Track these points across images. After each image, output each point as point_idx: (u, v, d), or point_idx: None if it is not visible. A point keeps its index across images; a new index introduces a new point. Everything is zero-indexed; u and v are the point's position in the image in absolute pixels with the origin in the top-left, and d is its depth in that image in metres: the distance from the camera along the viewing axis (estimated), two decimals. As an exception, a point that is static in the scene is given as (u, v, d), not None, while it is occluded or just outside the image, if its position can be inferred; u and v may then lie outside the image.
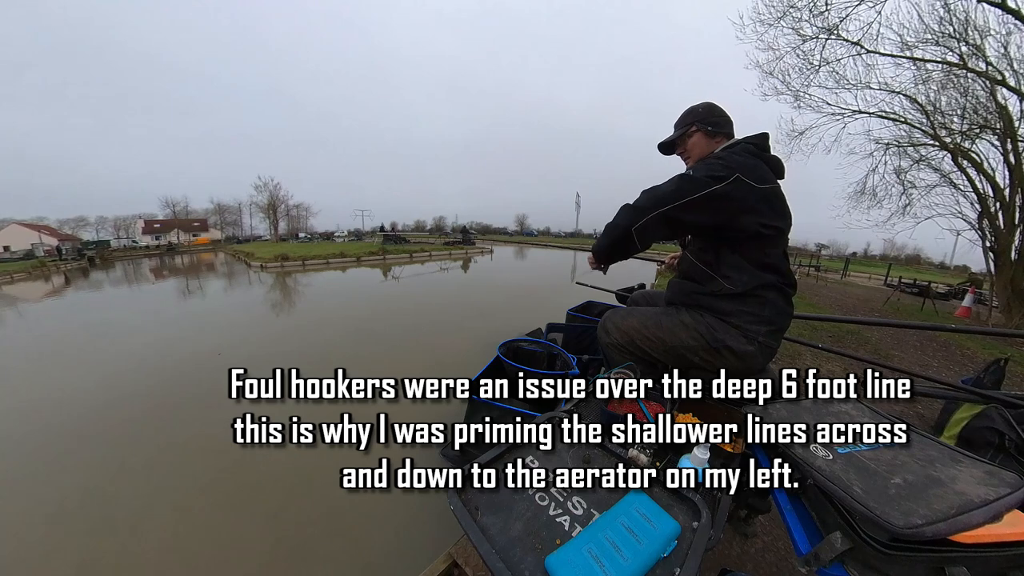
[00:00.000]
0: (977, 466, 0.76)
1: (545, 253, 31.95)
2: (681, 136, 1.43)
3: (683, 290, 1.40)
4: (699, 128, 1.39)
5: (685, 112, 1.46)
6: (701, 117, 1.40)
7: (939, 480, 0.71)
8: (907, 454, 0.81)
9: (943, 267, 43.27)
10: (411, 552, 2.19)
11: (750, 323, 1.23)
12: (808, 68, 7.75)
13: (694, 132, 1.40)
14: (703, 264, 1.31)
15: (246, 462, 3.02)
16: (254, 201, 48.01)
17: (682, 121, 1.45)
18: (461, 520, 0.70)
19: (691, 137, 1.41)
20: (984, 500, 0.64)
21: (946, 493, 0.67)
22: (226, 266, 20.27)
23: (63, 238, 42.48)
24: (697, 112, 1.41)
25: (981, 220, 8.05)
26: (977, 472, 0.73)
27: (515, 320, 6.78)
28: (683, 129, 1.43)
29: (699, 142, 1.40)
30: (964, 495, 0.66)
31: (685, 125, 1.43)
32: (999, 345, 5.53)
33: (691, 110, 1.44)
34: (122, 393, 4.28)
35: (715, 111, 1.41)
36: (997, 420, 1.88)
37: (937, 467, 0.75)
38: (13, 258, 29.07)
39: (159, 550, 2.24)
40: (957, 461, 0.78)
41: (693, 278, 1.36)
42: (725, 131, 1.39)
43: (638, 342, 1.43)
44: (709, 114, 1.40)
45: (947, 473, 0.73)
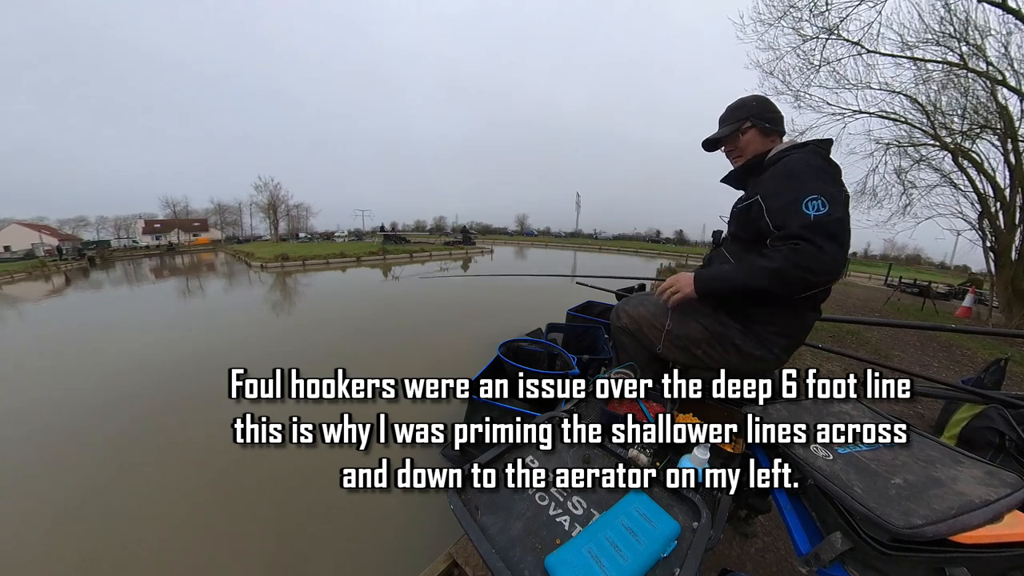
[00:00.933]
0: (978, 466, 0.75)
1: (546, 253, 31.97)
2: (733, 133, 1.32)
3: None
4: (754, 124, 1.29)
5: (735, 106, 1.35)
6: (756, 112, 1.29)
7: (939, 480, 0.71)
8: (908, 454, 0.80)
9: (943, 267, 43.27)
10: (411, 552, 2.19)
11: (772, 334, 1.20)
12: (808, 68, 7.75)
13: (748, 129, 1.30)
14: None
15: (246, 462, 3.02)
16: (254, 201, 48.05)
17: (733, 116, 1.34)
18: (461, 520, 0.70)
19: (745, 134, 1.31)
20: (985, 500, 0.64)
21: (946, 494, 0.67)
22: (226, 266, 20.27)
23: (63, 238, 42.50)
24: (751, 107, 1.30)
25: (981, 220, 8.05)
26: (977, 472, 0.73)
27: (515, 320, 6.78)
28: (735, 125, 1.31)
29: (753, 140, 1.30)
30: (964, 495, 0.66)
31: (737, 121, 1.31)
32: (999, 345, 5.53)
33: (743, 104, 1.33)
34: (121, 393, 4.28)
35: (770, 106, 1.31)
36: (997, 420, 1.88)
37: (938, 467, 0.75)
38: (14, 258, 29.07)
39: (159, 550, 2.24)
40: (958, 461, 0.77)
41: None
42: (779, 129, 1.30)
43: (645, 330, 1.43)
44: (764, 109, 1.30)
45: (947, 473, 0.73)
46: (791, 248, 1.01)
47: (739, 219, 1.26)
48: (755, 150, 1.30)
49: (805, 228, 1.00)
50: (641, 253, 38.08)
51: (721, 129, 1.37)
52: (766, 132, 1.29)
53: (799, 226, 1.01)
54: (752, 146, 1.30)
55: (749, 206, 1.18)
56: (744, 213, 1.21)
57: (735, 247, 1.29)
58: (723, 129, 1.36)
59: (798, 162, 1.13)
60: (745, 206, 1.21)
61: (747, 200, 1.21)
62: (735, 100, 1.37)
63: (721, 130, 1.37)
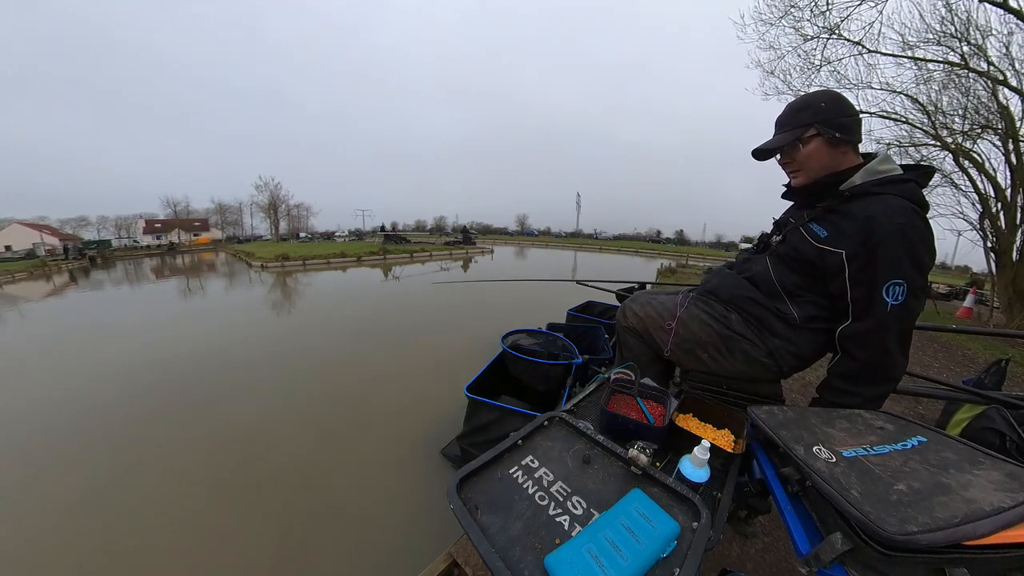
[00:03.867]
0: (999, 467, 0.72)
1: (546, 253, 31.96)
2: (792, 142, 1.06)
3: (735, 286, 1.25)
4: (821, 132, 1.02)
5: (798, 106, 1.07)
6: (825, 115, 1.01)
7: (948, 487, 0.68)
8: (919, 459, 0.77)
9: (944, 267, 43.17)
10: (411, 552, 2.19)
11: (786, 352, 1.15)
12: (809, 68, 7.74)
13: (813, 137, 1.03)
14: (780, 282, 1.15)
15: (247, 462, 3.03)
16: (255, 201, 48.20)
17: (795, 119, 1.06)
18: (461, 520, 0.70)
19: (808, 144, 1.04)
20: (997, 508, 0.61)
21: (952, 501, 0.65)
22: (227, 266, 20.30)
23: (64, 238, 42.54)
24: (820, 108, 1.02)
25: (982, 220, 8.04)
26: (996, 475, 0.69)
27: (515, 320, 6.78)
28: (796, 132, 1.05)
29: (819, 151, 1.04)
30: (974, 503, 0.63)
31: (802, 125, 1.04)
32: (1000, 345, 5.53)
33: (809, 103, 1.05)
34: (122, 393, 4.28)
35: (845, 106, 1.04)
36: (998, 421, 1.87)
37: (950, 472, 0.72)
38: (15, 257, 29.11)
39: (160, 550, 2.25)
40: (976, 463, 0.74)
41: (756, 283, 1.21)
42: (854, 139, 1.03)
43: (652, 331, 1.39)
44: (837, 112, 1.02)
45: (960, 479, 0.70)
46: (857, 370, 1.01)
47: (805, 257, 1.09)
48: (819, 165, 1.06)
49: (874, 329, 0.96)
50: (641, 253, 38.07)
51: (777, 136, 1.11)
52: (836, 143, 1.02)
53: (872, 319, 0.96)
54: (815, 160, 1.05)
55: (825, 253, 1.02)
56: (815, 253, 1.05)
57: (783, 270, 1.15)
58: (780, 137, 1.09)
59: (911, 227, 0.92)
60: (820, 250, 1.03)
61: (822, 243, 1.03)
62: (797, 99, 1.10)
63: (777, 137, 1.10)
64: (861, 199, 0.99)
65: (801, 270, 1.11)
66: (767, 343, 1.17)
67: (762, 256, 1.24)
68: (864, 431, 0.90)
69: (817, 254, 1.04)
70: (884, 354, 0.97)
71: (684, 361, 1.36)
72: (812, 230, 1.07)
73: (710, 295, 1.32)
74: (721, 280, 1.32)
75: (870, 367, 1.00)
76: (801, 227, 1.11)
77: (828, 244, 1.02)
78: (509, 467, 0.83)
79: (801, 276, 1.11)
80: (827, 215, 1.06)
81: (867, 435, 0.88)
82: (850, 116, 1.03)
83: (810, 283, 1.10)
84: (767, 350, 1.17)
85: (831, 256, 1.01)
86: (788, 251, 1.13)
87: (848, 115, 1.03)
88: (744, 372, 1.24)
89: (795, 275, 1.12)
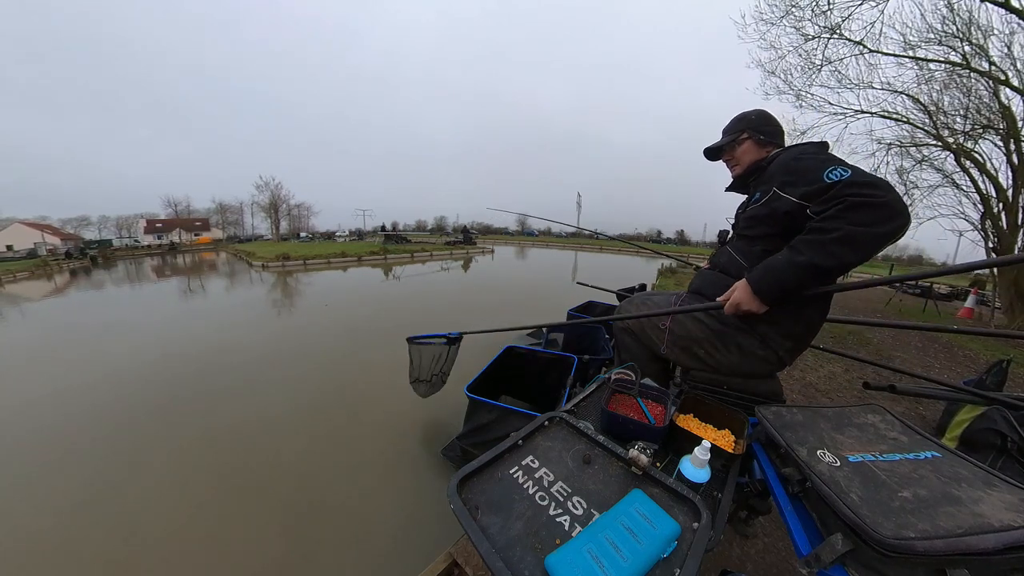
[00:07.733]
0: (1015, 493, 0.69)
1: (546, 253, 31.96)
2: (731, 143, 1.39)
3: (715, 283, 1.34)
4: (751, 136, 1.36)
5: (736, 118, 1.42)
6: (754, 125, 1.36)
7: (957, 499, 0.67)
8: (930, 470, 0.76)
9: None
10: (411, 552, 2.19)
11: (776, 334, 1.18)
12: (810, 67, 7.73)
13: (745, 140, 1.37)
14: (745, 258, 1.25)
15: (247, 462, 3.03)
16: (255, 201, 48.10)
17: (733, 127, 1.41)
18: (461, 520, 0.70)
19: (741, 145, 1.37)
20: (1006, 526, 0.60)
21: (959, 512, 0.64)
22: (228, 265, 20.30)
23: (65, 237, 42.63)
24: (750, 120, 1.37)
25: (984, 221, 8.01)
26: (1011, 498, 0.68)
27: (515, 320, 6.78)
28: (733, 136, 1.39)
29: (749, 150, 1.36)
30: (982, 517, 0.62)
31: (735, 132, 1.38)
32: (1001, 346, 5.51)
33: (743, 117, 1.40)
34: (124, 392, 4.29)
35: (769, 120, 1.37)
36: (999, 421, 1.88)
37: (961, 487, 0.71)
38: (16, 257, 29.16)
39: (160, 550, 2.25)
40: (990, 484, 0.72)
41: (730, 273, 1.30)
42: (777, 141, 1.36)
43: (648, 330, 1.45)
44: (762, 123, 1.36)
45: (971, 494, 0.69)
46: (841, 208, 0.93)
47: (753, 219, 1.24)
48: (750, 160, 1.36)
49: (841, 188, 0.95)
50: (642, 253, 38.04)
51: (720, 139, 1.44)
52: (762, 144, 1.35)
53: (834, 190, 0.96)
54: (747, 156, 1.37)
55: (767, 202, 1.16)
56: (763, 210, 1.18)
57: (741, 244, 1.30)
58: (721, 139, 1.43)
59: (801, 149, 1.20)
60: (763, 203, 1.18)
61: (763, 197, 1.19)
62: (736, 115, 1.43)
63: (720, 140, 1.44)
64: (776, 159, 1.24)
65: (759, 234, 1.23)
66: (756, 329, 1.20)
67: (724, 247, 1.41)
68: (875, 439, 0.89)
69: (766, 210, 1.18)
70: (868, 199, 0.92)
71: (681, 359, 1.38)
72: (753, 199, 1.27)
73: (698, 295, 1.40)
74: (703, 279, 1.43)
75: (853, 210, 0.93)
76: (745, 207, 1.35)
77: (767, 196, 1.18)
78: (509, 467, 0.83)
79: (761, 241, 1.22)
80: (762, 183, 1.25)
81: (878, 443, 0.87)
82: (773, 126, 1.36)
83: (771, 243, 1.18)
84: (759, 338, 1.20)
85: (775, 201, 1.14)
86: (743, 228, 1.30)
87: (771, 124, 1.36)
88: (741, 366, 1.26)
89: (755, 245, 1.24)
